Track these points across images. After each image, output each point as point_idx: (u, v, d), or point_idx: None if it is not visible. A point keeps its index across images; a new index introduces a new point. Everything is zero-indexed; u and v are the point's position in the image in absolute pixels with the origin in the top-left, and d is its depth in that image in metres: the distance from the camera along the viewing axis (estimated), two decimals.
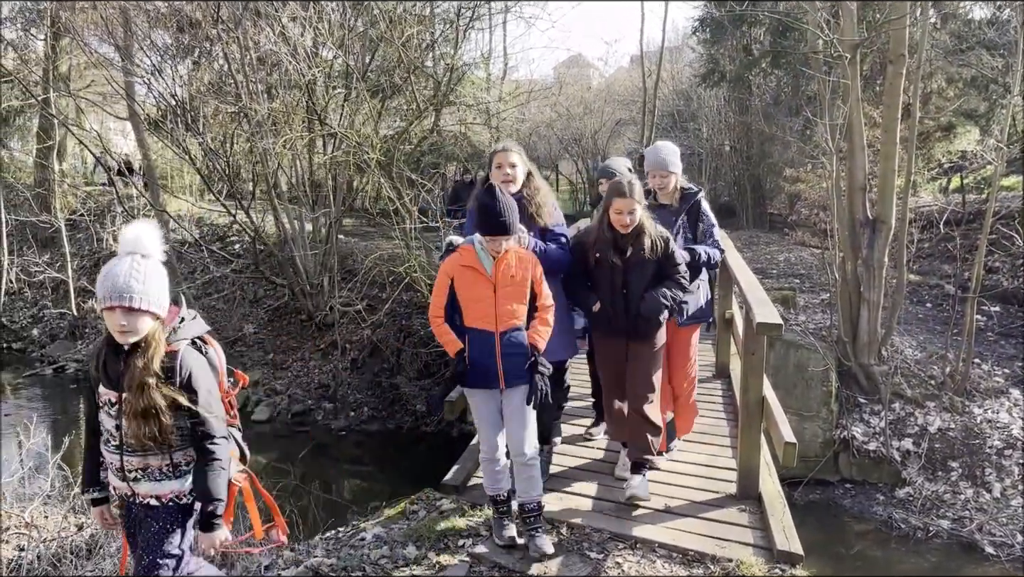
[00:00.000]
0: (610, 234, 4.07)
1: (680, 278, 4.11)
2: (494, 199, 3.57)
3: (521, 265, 3.70)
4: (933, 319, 11.30)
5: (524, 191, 4.23)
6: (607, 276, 4.11)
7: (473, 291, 3.67)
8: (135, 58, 12.89)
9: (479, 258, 3.67)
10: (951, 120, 15.11)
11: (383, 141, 11.81)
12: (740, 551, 3.87)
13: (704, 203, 4.73)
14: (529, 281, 3.71)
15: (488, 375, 3.68)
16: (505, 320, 3.66)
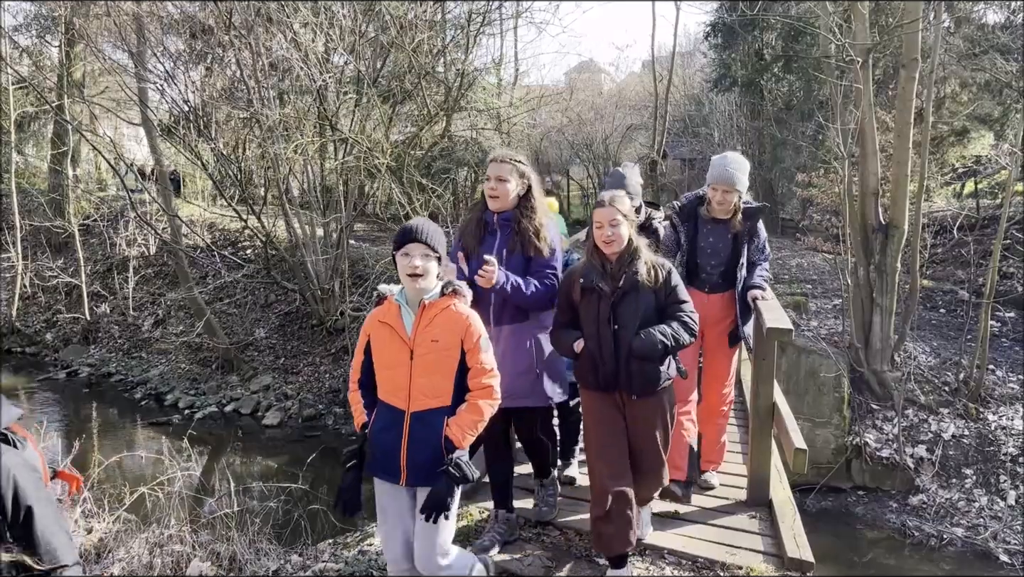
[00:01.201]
0: (597, 259, 3.46)
1: (686, 318, 3.39)
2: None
3: (449, 327, 2.85)
4: (947, 325, 11.21)
5: (518, 211, 3.64)
6: (593, 308, 3.42)
7: (386, 355, 2.92)
8: (148, 64, 12.98)
9: (400, 313, 2.90)
10: (965, 125, 15.03)
11: (394, 146, 11.84)
12: (750, 558, 3.83)
13: (761, 221, 4.42)
14: (458, 349, 2.85)
15: (389, 465, 2.88)
16: (419, 398, 2.84)
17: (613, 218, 3.37)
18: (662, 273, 3.40)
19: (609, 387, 3.46)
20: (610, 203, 3.38)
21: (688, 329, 3.39)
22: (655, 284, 3.39)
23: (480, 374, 2.88)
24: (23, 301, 16.19)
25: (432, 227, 2.87)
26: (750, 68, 18.77)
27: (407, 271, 2.81)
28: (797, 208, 18.43)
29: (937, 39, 10.09)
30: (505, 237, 3.63)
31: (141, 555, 4.60)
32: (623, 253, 3.41)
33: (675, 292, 3.43)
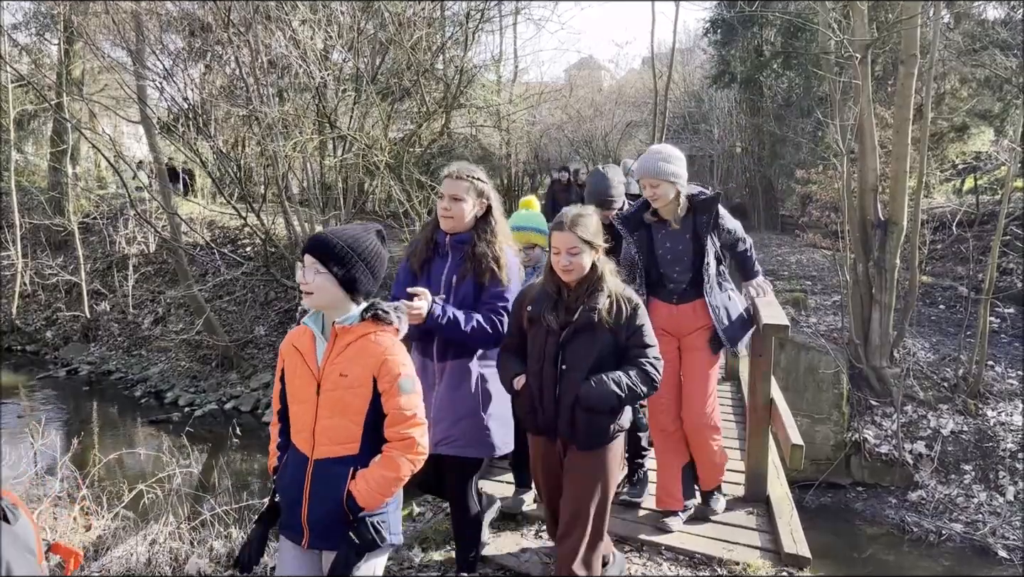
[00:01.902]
0: (553, 285, 2.98)
1: (648, 366, 2.91)
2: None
3: (361, 359, 2.33)
4: (946, 321, 11.22)
5: (475, 234, 3.24)
6: (540, 341, 2.96)
7: (294, 386, 2.46)
8: (147, 62, 12.98)
9: (314, 337, 2.43)
10: (964, 121, 15.02)
11: (393, 144, 11.85)
12: (747, 554, 3.84)
13: (720, 208, 3.87)
14: (370, 387, 2.33)
15: (292, 521, 2.40)
16: (323, 442, 2.36)
17: (572, 246, 2.87)
18: (627, 309, 2.91)
19: (549, 434, 3.02)
20: (571, 227, 2.87)
21: (648, 380, 2.91)
22: (616, 322, 2.89)
23: (398, 421, 2.35)
24: (23, 299, 16.19)
25: (341, 238, 2.37)
26: (749, 64, 18.75)
27: (303, 285, 2.37)
28: (796, 204, 18.42)
29: (936, 35, 10.09)
30: (456, 261, 3.23)
31: (140, 552, 4.61)
32: (583, 282, 2.93)
33: (639, 333, 2.94)
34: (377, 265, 2.42)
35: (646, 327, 2.97)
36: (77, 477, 5.59)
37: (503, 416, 3.30)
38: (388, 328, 2.41)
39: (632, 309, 2.93)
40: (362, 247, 2.39)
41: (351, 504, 2.32)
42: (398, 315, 2.46)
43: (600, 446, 2.98)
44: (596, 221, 2.96)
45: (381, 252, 2.45)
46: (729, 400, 6.53)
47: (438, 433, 3.12)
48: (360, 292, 2.39)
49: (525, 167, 23.74)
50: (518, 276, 3.30)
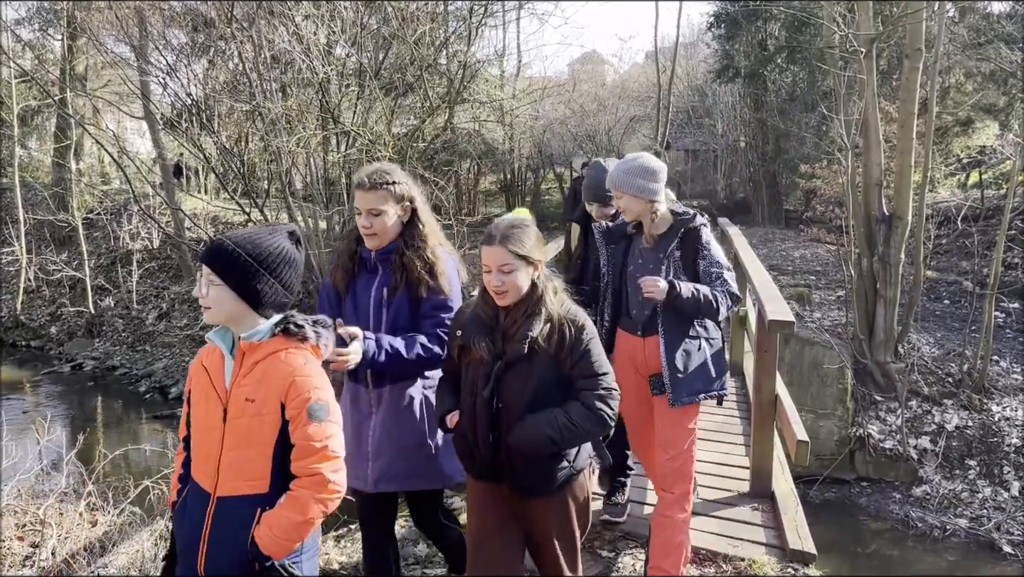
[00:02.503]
0: (488, 308, 2.56)
1: (595, 400, 2.45)
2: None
3: (269, 382, 2.03)
4: (951, 316, 11.19)
5: (402, 242, 2.85)
6: (472, 373, 2.56)
7: (200, 411, 2.16)
8: (150, 58, 12.98)
9: (223, 356, 2.13)
10: (969, 115, 15.00)
11: (396, 139, 11.84)
12: (752, 550, 3.84)
13: (705, 232, 3.28)
14: (278, 414, 2.02)
15: (188, 565, 2.09)
16: (227, 477, 2.05)
17: (504, 263, 2.43)
18: (571, 333, 2.46)
19: (491, 478, 2.61)
20: (502, 240, 2.42)
21: (595, 418, 2.44)
22: (558, 349, 2.46)
23: (306, 454, 2.02)
24: (27, 295, 16.24)
25: (239, 244, 2.05)
26: (753, 59, 18.71)
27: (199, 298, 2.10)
28: (800, 199, 18.39)
29: (941, 29, 10.05)
30: (386, 275, 2.84)
31: (146, 548, 4.62)
32: (520, 304, 2.49)
33: (585, 360, 2.48)
34: (286, 272, 2.10)
35: (594, 352, 2.50)
36: (83, 473, 5.60)
37: (432, 453, 2.90)
38: (303, 345, 2.11)
39: (576, 332, 2.47)
40: (265, 253, 2.06)
41: (255, 552, 2.00)
42: (317, 329, 2.14)
43: (547, 493, 2.55)
44: (534, 233, 2.50)
45: (291, 256, 2.12)
46: (733, 396, 6.53)
47: (379, 468, 2.84)
48: (267, 305, 2.07)
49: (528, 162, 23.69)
50: (458, 281, 2.95)
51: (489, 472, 2.57)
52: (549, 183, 26.63)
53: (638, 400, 3.39)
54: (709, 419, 5.92)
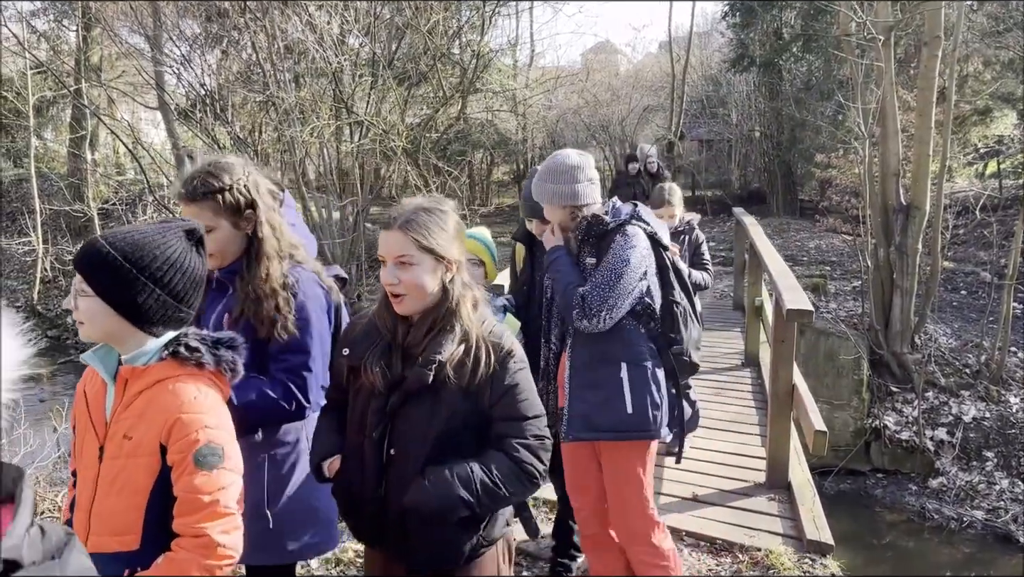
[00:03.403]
0: (387, 320, 1.95)
1: (523, 451, 1.88)
2: None
3: (151, 415, 1.66)
4: (968, 307, 11.09)
5: (243, 264, 2.23)
6: (361, 405, 1.98)
7: (78, 445, 1.81)
8: (164, 48, 13.00)
9: (105, 383, 1.77)
10: (987, 103, 14.84)
11: (409, 129, 11.83)
12: (769, 540, 3.83)
13: (620, 238, 2.65)
14: (157, 455, 1.65)
15: None
16: (97, 529, 1.68)
17: (402, 253, 1.85)
18: (492, 360, 1.88)
19: (376, 545, 2.05)
20: (402, 225, 1.85)
21: (521, 475, 1.86)
22: (471, 380, 1.86)
23: (192, 510, 1.62)
24: (44, 285, 16.34)
25: (117, 247, 1.65)
26: (768, 48, 18.57)
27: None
28: (816, 189, 18.26)
29: (960, 16, 9.93)
30: (232, 297, 2.23)
31: None
32: (427, 316, 1.90)
33: (510, 397, 1.90)
34: (178, 281, 1.70)
35: (522, 388, 1.92)
36: None
37: (306, 511, 2.29)
38: (199, 373, 1.73)
39: (500, 359, 1.89)
40: (148, 257, 1.65)
41: None
42: (219, 353, 1.77)
43: (447, 571, 1.96)
44: (452, 223, 1.92)
45: (184, 262, 1.72)
46: (749, 386, 6.51)
47: None
48: (154, 321, 1.69)
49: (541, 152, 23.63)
50: (320, 308, 2.29)
51: (374, 537, 2.01)
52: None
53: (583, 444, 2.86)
54: (724, 410, 5.91)
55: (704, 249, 4.78)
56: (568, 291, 2.63)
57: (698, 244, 4.76)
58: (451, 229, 1.92)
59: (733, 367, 7.07)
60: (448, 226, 1.91)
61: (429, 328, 1.90)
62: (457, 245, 1.93)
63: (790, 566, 3.57)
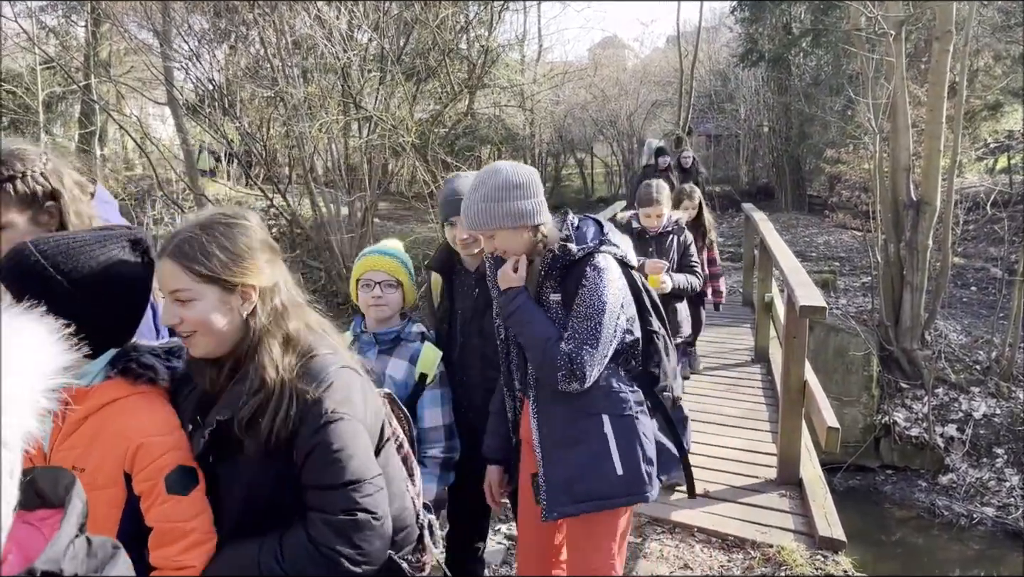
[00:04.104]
0: (195, 360, 1.62)
1: (328, 530, 1.49)
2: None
3: (104, 442, 1.48)
4: (978, 303, 11.05)
5: None
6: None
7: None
8: (173, 43, 13.02)
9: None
10: (998, 98, 14.75)
11: (418, 124, 11.81)
12: (781, 537, 3.82)
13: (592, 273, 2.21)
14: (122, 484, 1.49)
15: None
16: None
17: (178, 288, 1.50)
18: (291, 412, 1.48)
19: None
20: (172, 253, 1.50)
21: (322, 562, 1.48)
22: (269, 439, 1.48)
23: (171, 540, 1.48)
24: None
25: (46, 255, 1.46)
26: (777, 42, 18.51)
27: None
28: (825, 185, 18.21)
29: (972, 11, 9.87)
30: None
31: None
32: (227, 358, 1.58)
33: (316, 459, 1.50)
34: (115, 296, 1.52)
35: (334, 447, 1.49)
36: None
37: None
38: (152, 390, 1.57)
39: (303, 411, 1.49)
40: (83, 268, 1.47)
41: None
42: (171, 365, 1.62)
43: None
44: (247, 237, 1.55)
45: (125, 274, 1.54)
46: (759, 382, 6.49)
47: None
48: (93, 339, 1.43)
49: (549, 147, 23.64)
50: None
51: None
52: (570, 168, 26.55)
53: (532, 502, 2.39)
54: (735, 406, 5.91)
55: (692, 251, 4.49)
56: (549, 349, 2.18)
57: (686, 245, 4.48)
58: (244, 247, 1.54)
59: (743, 363, 7.06)
60: (239, 244, 1.53)
61: (232, 372, 1.56)
62: (259, 265, 1.55)
63: (802, 562, 3.57)
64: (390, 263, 2.63)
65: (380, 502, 1.54)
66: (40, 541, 0.87)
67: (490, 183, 2.20)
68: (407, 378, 2.56)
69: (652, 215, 4.40)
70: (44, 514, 0.92)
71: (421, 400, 2.56)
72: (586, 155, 26.30)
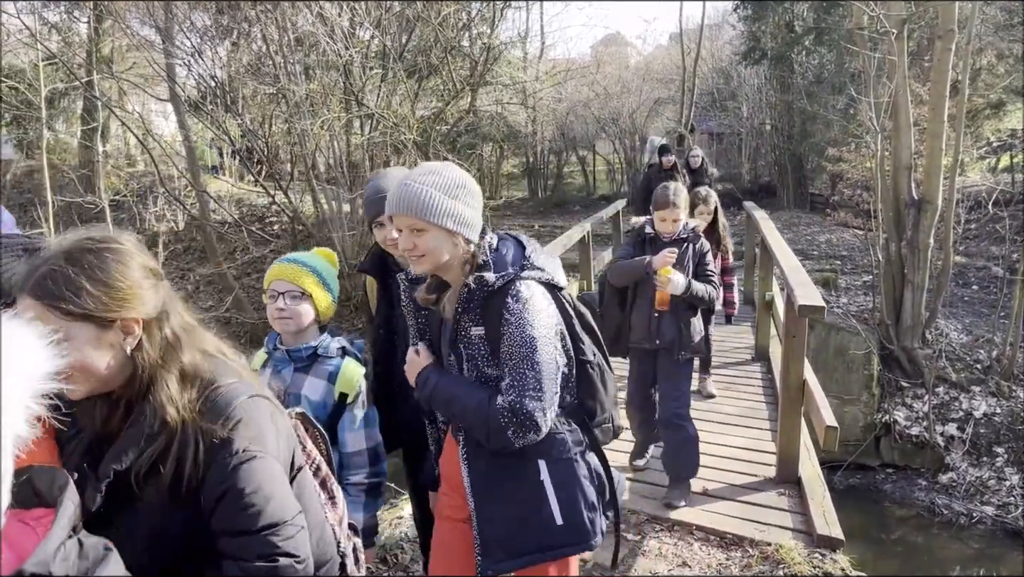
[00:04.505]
0: (82, 403, 1.40)
1: (245, 573, 1.35)
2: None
3: None
4: (979, 302, 11.04)
5: None
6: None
7: None
8: (175, 40, 13.03)
9: None
10: (1000, 97, 14.73)
11: (419, 121, 11.82)
12: (779, 535, 3.83)
13: (516, 306, 1.93)
14: None
15: None
16: None
17: (47, 328, 1.09)
18: (198, 453, 1.34)
19: None
20: (32, 291, 1.29)
21: None
22: (175, 485, 1.33)
23: None
24: None
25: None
26: (780, 40, 18.49)
27: None
28: (827, 183, 18.19)
29: (974, 9, 9.86)
30: None
31: None
32: (116, 401, 1.39)
33: (225, 506, 1.35)
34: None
35: (243, 490, 1.34)
36: None
37: None
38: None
39: (211, 451, 1.34)
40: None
41: None
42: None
43: None
44: (121, 263, 1.35)
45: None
46: (760, 380, 6.50)
47: None
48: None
49: (551, 145, 23.63)
50: None
51: None
52: (572, 166, 26.54)
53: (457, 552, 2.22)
54: (735, 404, 5.92)
55: (709, 259, 4.08)
56: (485, 412, 1.93)
57: (702, 254, 4.06)
58: (119, 275, 1.33)
59: (743, 361, 7.07)
60: (112, 273, 1.32)
61: (124, 415, 1.38)
62: (139, 295, 1.35)
63: (800, 561, 3.58)
64: (295, 271, 2.38)
65: (301, 544, 1.40)
66: (34, 540, 0.87)
67: (446, 175, 1.95)
68: (325, 398, 2.33)
69: (668, 219, 3.98)
70: (40, 513, 0.92)
71: (342, 422, 2.34)
72: (588, 153, 26.29)
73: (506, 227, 16.80)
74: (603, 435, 2.18)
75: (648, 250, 3.98)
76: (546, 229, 16.66)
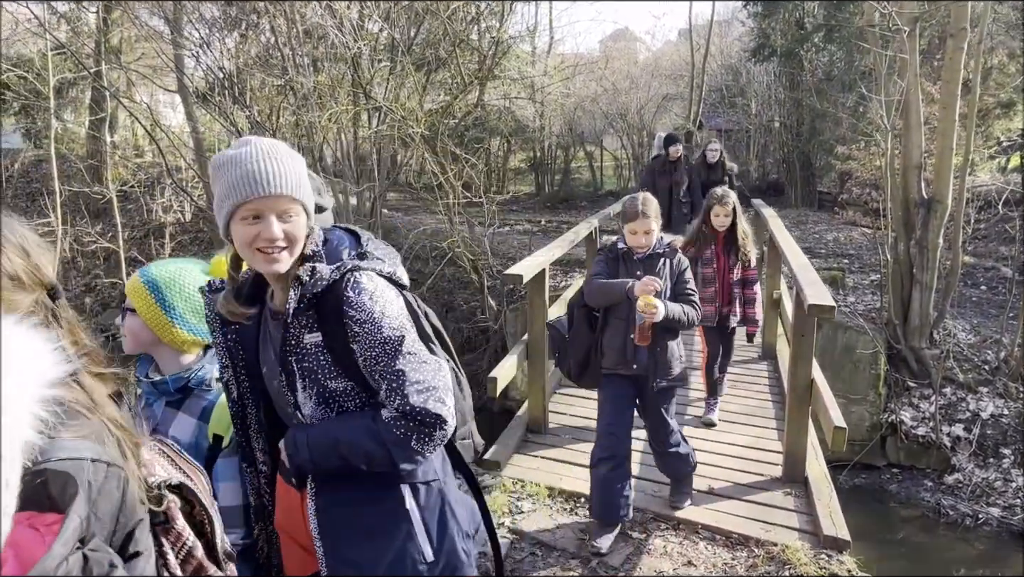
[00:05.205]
0: None
1: None
2: None
3: None
4: (988, 302, 10.99)
5: None
6: None
7: None
8: (184, 31, 13.02)
9: None
10: (1012, 97, 14.65)
11: (427, 115, 11.79)
12: (785, 535, 3.82)
13: (359, 298, 1.64)
14: None
15: None
16: None
17: None
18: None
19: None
20: None
21: None
22: None
23: None
24: (63, 265, 16.46)
25: None
26: (790, 37, 18.39)
27: None
28: (835, 181, 18.11)
29: (986, 8, 9.79)
30: None
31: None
32: None
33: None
34: None
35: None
36: None
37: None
38: None
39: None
40: None
41: None
42: None
43: None
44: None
45: None
46: (766, 379, 6.48)
47: None
48: None
49: (559, 140, 23.57)
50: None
51: None
52: (579, 161, 26.49)
53: None
54: (741, 403, 5.90)
55: (688, 276, 3.69)
56: (375, 432, 1.64)
57: (681, 270, 3.67)
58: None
59: (750, 360, 7.05)
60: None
61: None
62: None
63: (806, 561, 3.56)
64: (130, 285, 2.01)
65: None
66: (41, 548, 0.85)
67: (293, 154, 1.65)
68: (197, 439, 1.93)
69: (639, 231, 3.55)
70: (52, 519, 0.89)
71: (215, 470, 1.92)
72: (596, 148, 26.23)
73: (512, 222, 16.82)
74: (464, 452, 1.92)
75: (623, 267, 3.61)
76: (552, 224, 16.63)
